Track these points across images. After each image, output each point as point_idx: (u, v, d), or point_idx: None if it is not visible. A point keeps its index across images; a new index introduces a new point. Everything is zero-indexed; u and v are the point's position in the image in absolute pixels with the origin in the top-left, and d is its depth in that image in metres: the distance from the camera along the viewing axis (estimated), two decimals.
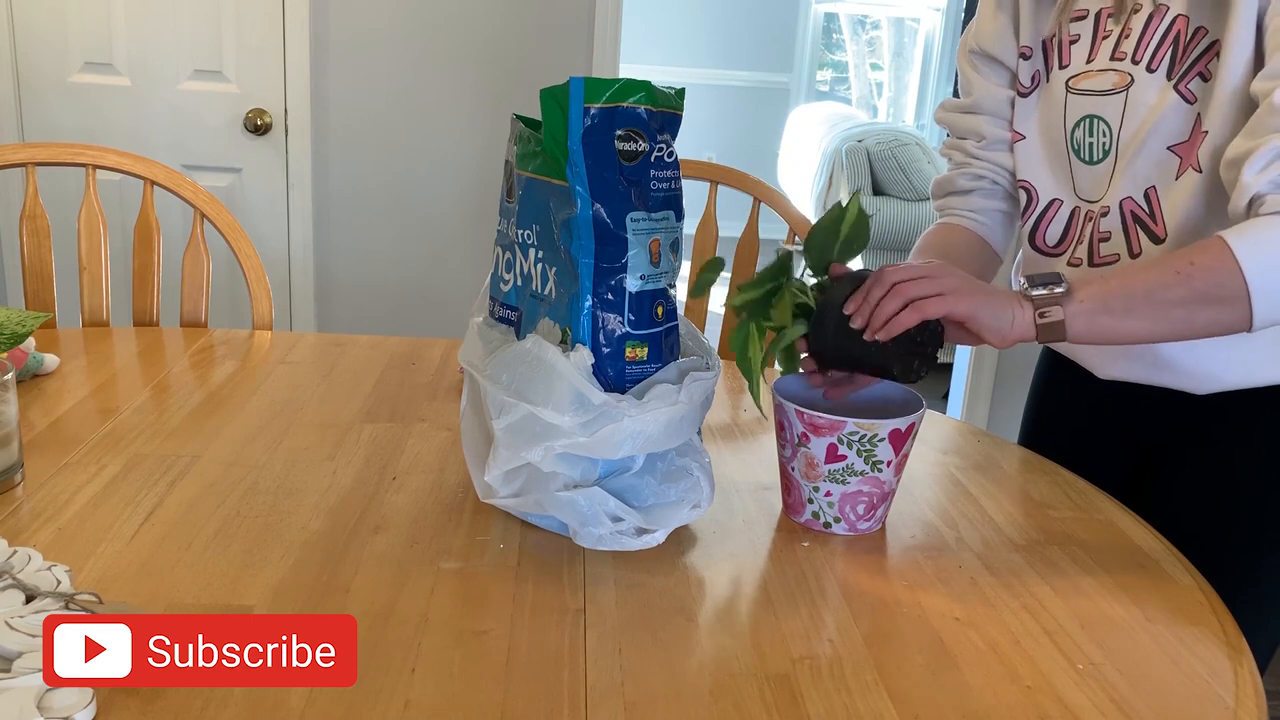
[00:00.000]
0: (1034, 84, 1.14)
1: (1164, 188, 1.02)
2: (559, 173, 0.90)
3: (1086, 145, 1.08)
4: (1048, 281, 0.92)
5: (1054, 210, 1.14)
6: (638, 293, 0.91)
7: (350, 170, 2.63)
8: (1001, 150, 1.20)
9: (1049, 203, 1.14)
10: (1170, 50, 1.00)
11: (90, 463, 1.04)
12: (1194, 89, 0.99)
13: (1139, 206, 1.04)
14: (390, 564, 0.89)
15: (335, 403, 1.25)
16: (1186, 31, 0.98)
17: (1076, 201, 1.11)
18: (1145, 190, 1.03)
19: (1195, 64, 0.98)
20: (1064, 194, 1.13)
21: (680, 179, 0.95)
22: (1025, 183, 1.16)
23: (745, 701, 0.73)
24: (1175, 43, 0.99)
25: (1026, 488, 1.12)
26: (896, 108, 6.56)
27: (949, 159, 1.27)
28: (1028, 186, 1.16)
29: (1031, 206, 1.15)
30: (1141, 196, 1.04)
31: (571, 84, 0.88)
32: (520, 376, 0.91)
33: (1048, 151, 1.13)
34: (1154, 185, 1.03)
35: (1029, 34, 1.13)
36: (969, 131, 1.22)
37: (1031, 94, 1.14)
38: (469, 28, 2.57)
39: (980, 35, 1.18)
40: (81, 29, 2.46)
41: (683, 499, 0.94)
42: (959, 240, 1.22)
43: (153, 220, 1.62)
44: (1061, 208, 1.13)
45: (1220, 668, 0.80)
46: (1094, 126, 1.07)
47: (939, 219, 1.27)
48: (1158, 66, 1.01)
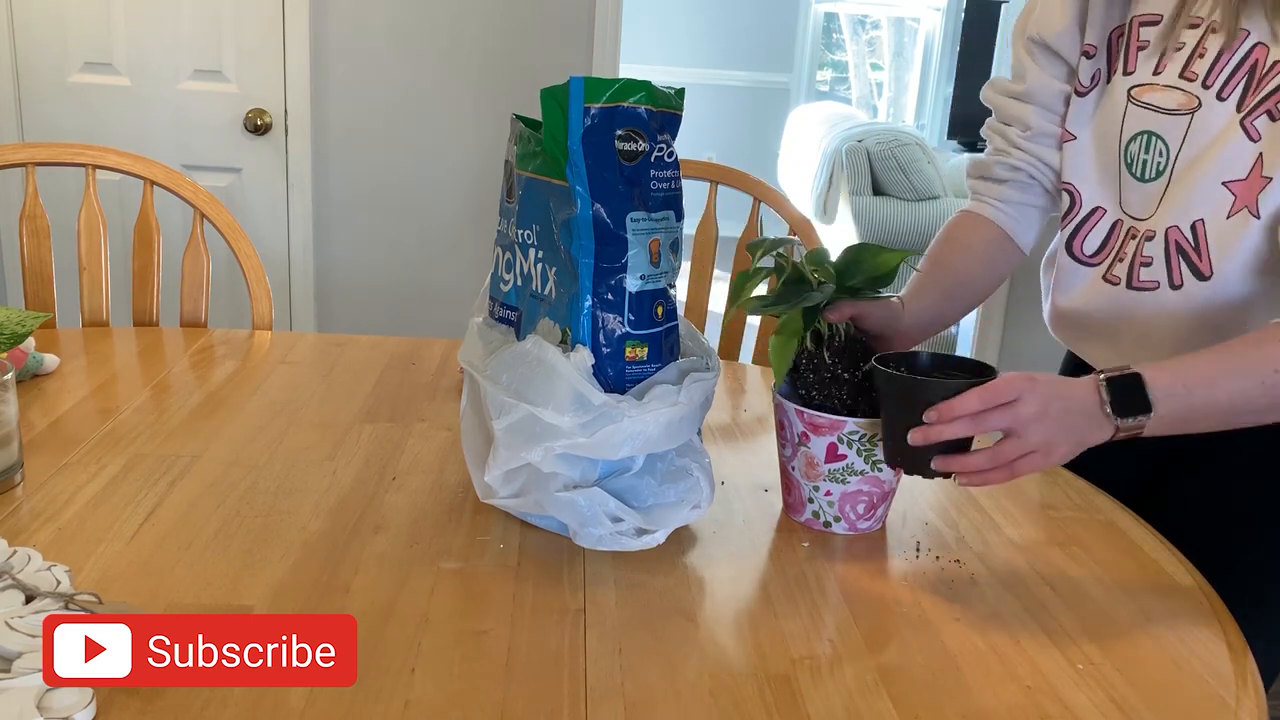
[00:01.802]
0: (1093, 83, 1.08)
1: (1213, 224, 0.98)
2: (559, 173, 0.90)
3: (1141, 161, 1.04)
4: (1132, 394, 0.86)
5: (1096, 219, 1.09)
6: (638, 293, 0.91)
7: (350, 170, 2.63)
8: (1046, 144, 1.14)
9: (1091, 210, 1.10)
10: (1245, 80, 0.95)
11: (90, 463, 1.04)
12: (1260, 126, 0.94)
13: (1184, 238, 1.00)
14: (390, 564, 0.89)
15: (335, 403, 1.25)
16: (1265, 63, 0.93)
17: (1120, 214, 1.07)
18: (1193, 222, 0.99)
19: (1266, 99, 0.93)
20: (1109, 204, 1.08)
21: (680, 179, 0.95)
22: (1069, 185, 1.11)
23: (745, 701, 0.73)
24: (1251, 73, 0.94)
25: (1027, 488, 1.11)
26: (896, 108, 6.56)
27: (989, 141, 1.20)
28: (1071, 190, 1.11)
29: (1074, 212, 1.11)
30: (1188, 228, 1.00)
31: (572, 84, 0.88)
32: (520, 377, 0.91)
33: (1099, 158, 1.08)
34: (1202, 219, 0.99)
35: (1096, 31, 1.07)
36: (1015, 119, 1.15)
37: (1089, 94, 1.09)
38: (469, 28, 2.57)
39: (1043, 24, 1.11)
40: (81, 29, 2.46)
41: (683, 499, 0.94)
42: (982, 237, 1.18)
43: (153, 220, 1.62)
44: (1104, 218, 1.09)
45: (1221, 668, 0.80)
46: (1151, 144, 1.02)
47: (969, 200, 1.22)
48: (1229, 95, 0.96)
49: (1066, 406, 0.86)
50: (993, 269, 1.20)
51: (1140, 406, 0.86)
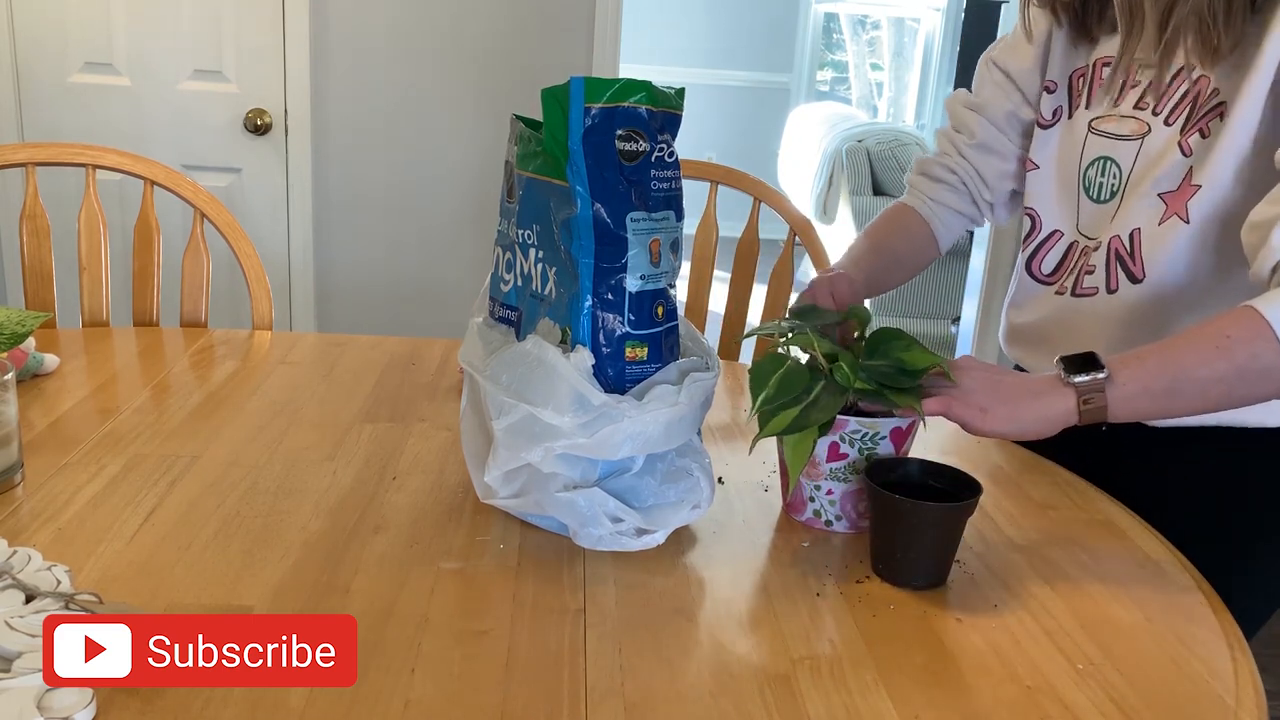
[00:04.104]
0: (1055, 118, 1.17)
1: (1148, 231, 1.05)
2: (559, 173, 0.90)
3: (1097, 184, 1.11)
4: (1087, 364, 0.89)
5: (1054, 241, 1.17)
6: (638, 293, 0.91)
7: (350, 170, 2.63)
8: (986, 155, 1.25)
9: (1050, 233, 1.17)
10: (1188, 109, 1.02)
11: (90, 463, 1.04)
12: (1192, 144, 1.02)
13: (1123, 245, 1.07)
14: (390, 564, 0.89)
15: (335, 403, 1.25)
16: (1205, 92, 1.01)
17: (1076, 236, 1.15)
18: (1131, 231, 1.06)
19: (1200, 120, 1.01)
20: (1066, 227, 1.16)
21: (681, 179, 0.95)
22: (1032, 210, 1.19)
23: (745, 701, 0.73)
24: (1194, 102, 1.02)
25: (1026, 488, 1.11)
26: (896, 108, 6.57)
27: (938, 144, 1.31)
28: (1033, 214, 1.19)
29: (1034, 234, 1.19)
30: (1127, 236, 1.07)
31: (572, 84, 0.88)
32: (520, 377, 0.91)
33: (1059, 184, 1.16)
34: (1139, 227, 1.06)
35: (1057, 69, 1.16)
36: (963, 126, 1.27)
37: (1052, 127, 1.17)
38: (469, 28, 2.57)
39: (1007, 56, 1.22)
40: (81, 29, 2.46)
41: (683, 500, 0.94)
42: (915, 229, 1.29)
43: (153, 220, 1.62)
44: (1061, 240, 1.17)
45: (1221, 668, 0.80)
46: (1106, 168, 1.10)
47: (905, 194, 1.33)
48: (1174, 121, 1.04)
49: (1012, 379, 0.93)
50: (921, 258, 1.31)
51: (1093, 365, 0.89)
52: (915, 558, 0.89)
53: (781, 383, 0.93)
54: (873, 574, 0.91)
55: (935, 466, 0.94)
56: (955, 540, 0.90)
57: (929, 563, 0.89)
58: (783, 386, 0.93)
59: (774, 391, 0.92)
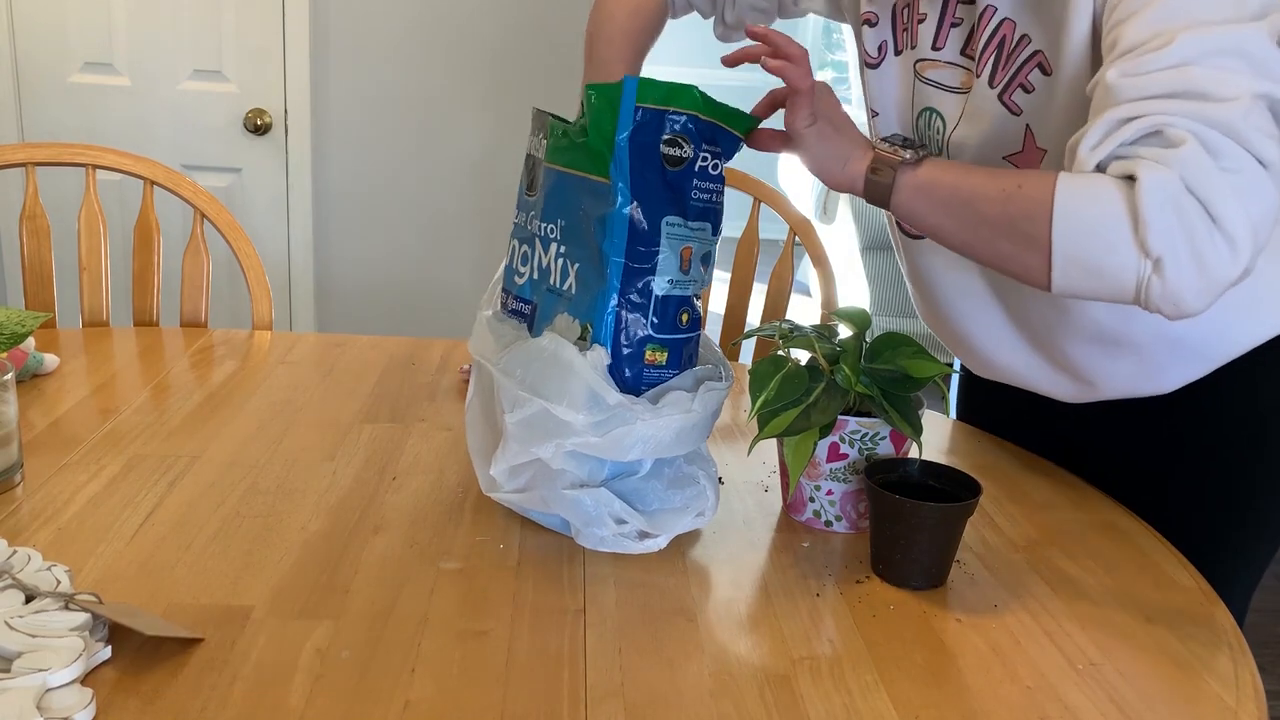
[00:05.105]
0: (880, 55, 1.08)
1: None
2: (597, 168, 0.90)
3: (927, 137, 1.05)
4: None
5: None
6: (664, 296, 0.91)
7: (350, 170, 2.63)
8: None
9: None
10: (994, 56, 0.95)
11: (90, 463, 1.04)
12: (1019, 101, 0.94)
13: None
14: (390, 564, 0.89)
15: (335, 403, 1.25)
16: (1012, 38, 0.94)
17: None
18: None
19: (1017, 74, 0.94)
20: None
21: (723, 194, 0.95)
22: None
23: (745, 701, 0.73)
24: (1000, 48, 0.94)
25: (1026, 488, 1.11)
26: None
27: None
28: None
29: None
30: None
31: (625, 82, 0.89)
32: (536, 372, 0.90)
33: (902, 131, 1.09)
34: None
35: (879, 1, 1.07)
36: None
37: (880, 65, 1.08)
38: (469, 27, 2.57)
39: None
40: (81, 29, 2.46)
41: (687, 506, 0.94)
42: None
43: (153, 220, 1.62)
44: None
45: (1220, 668, 0.80)
46: (931, 120, 1.04)
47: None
48: (982, 72, 0.96)
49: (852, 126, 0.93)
50: None
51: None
52: (915, 558, 0.89)
53: (782, 385, 0.93)
54: (873, 574, 0.91)
55: (935, 466, 0.94)
56: (955, 540, 0.90)
57: (929, 563, 0.89)
58: (783, 389, 0.93)
59: (774, 395, 0.92)
